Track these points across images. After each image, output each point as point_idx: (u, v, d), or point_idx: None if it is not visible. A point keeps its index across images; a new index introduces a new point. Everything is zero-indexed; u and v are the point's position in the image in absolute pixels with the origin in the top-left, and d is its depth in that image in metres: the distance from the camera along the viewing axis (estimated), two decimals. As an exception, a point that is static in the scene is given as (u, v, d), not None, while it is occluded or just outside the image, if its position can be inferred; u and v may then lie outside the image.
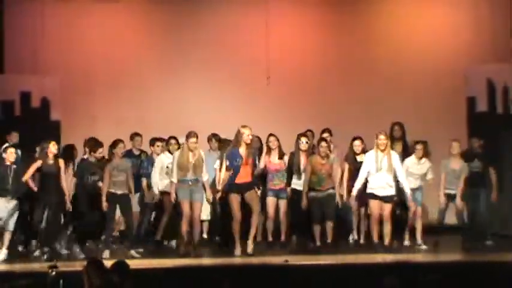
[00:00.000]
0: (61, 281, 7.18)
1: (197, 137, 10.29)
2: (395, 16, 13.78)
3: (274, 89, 13.33)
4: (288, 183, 10.79)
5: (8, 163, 10.08)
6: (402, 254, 10.12)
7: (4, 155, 10.17)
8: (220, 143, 11.20)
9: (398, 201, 10.51)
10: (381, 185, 10.23)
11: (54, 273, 7.20)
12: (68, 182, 10.28)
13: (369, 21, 13.77)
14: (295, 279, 8.57)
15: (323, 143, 10.60)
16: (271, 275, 8.71)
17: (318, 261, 9.33)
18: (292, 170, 10.79)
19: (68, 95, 12.69)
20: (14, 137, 11.38)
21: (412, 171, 10.66)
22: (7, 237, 10.05)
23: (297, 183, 10.76)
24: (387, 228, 10.28)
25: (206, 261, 9.79)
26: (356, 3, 13.76)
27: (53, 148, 10.17)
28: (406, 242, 10.74)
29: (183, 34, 13.60)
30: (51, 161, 10.16)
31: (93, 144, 10.52)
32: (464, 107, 12.41)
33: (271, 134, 11.01)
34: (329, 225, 10.55)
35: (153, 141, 11.34)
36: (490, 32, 13.24)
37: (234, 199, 10.03)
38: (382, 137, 10.22)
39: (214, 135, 11.46)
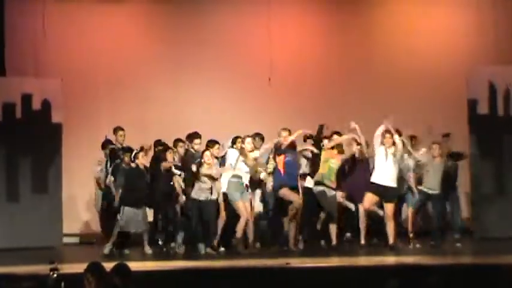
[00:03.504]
0: (62, 284, 7.17)
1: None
2: (398, 17, 13.78)
3: (276, 90, 13.33)
4: None
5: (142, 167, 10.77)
6: (404, 256, 10.13)
7: (137, 161, 10.76)
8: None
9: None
10: (386, 176, 10.52)
11: (55, 275, 7.19)
12: None
13: (371, 22, 13.78)
14: (297, 281, 8.57)
15: (335, 136, 10.97)
16: (273, 277, 8.72)
17: (319, 264, 9.34)
18: None
19: (69, 97, 12.67)
20: (120, 136, 11.55)
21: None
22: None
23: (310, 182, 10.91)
24: (390, 228, 10.44)
25: (208, 263, 9.79)
26: (358, 4, 13.77)
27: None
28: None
29: (185, 35, 13.59)
30: None
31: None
32: (465, 109, 12.38)
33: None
34: (333, 227, 10.65)
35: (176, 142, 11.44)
36: (493, 34, 13.24)
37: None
38: (387, 135, 10.66)
39: (257, 134, 11.43)
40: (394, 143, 10.58)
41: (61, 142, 12.15)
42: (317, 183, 10.79)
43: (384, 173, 10.56)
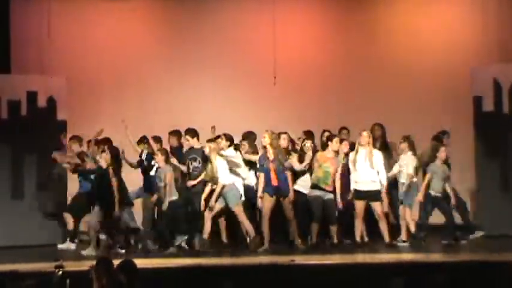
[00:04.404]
0: (67, 281, 7.19)
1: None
2: (403, 14, 13.75)
3: (280, 88, 13.32)
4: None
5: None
6: (407, 253, 10.12)
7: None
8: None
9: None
10: (364, 179, 10.51)
11: (60, 273, 7.20)
12: None
13: (375, 20, 13.75)
14: (302, 279, 8.58)
15: (335, 139, 10.83)
16: (278, 274, 8.72)
17: (324, 261, 9.32)
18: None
19: (74, 94, 12.69)
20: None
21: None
22: None
23: (301, 185, 10.81)
24: (383, 226, 10.51)
25: (213, 260, 9.78)
26: (363, 2, 13.76)
27: None
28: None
29: (189, 33, 13.60)
30: None
31: None
32: (470, 107, 12.36)
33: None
34: (333, 229, 10.64)
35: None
36: (497, 31, 13.20)
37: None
38: (364, 133, 10.66)
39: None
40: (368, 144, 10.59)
41: (66, 139, 12.15)
42: (313, 186, 10.72)
43: (361, 177, 10.57)
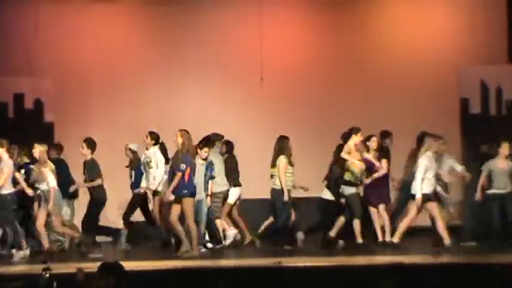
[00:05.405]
0: (55, 283, 7.17)
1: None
2: (391, 17, 13.80)
3: (267, 90, 13.33)
4: None
5: None
6: (400, 255, 10.13)
7: None
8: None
9: None
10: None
11: (47, 275, 7.18)
12: None
13: (363, 21, 13.78)
14: (289, 280, 8.59)
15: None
16: (265, 276, 8.73)
17: (310, 263, 9.34)
18: None
19: (61, 96, 12.68)
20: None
21: None
22: None
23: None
24: (440, 226, 10.43)
25: (200, 263, 9.79)
26: (351, 4, 13.77)
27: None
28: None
29: (176, 35, 13.59)
30: None
31: None
32: (457, 108, 12.42)
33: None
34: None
35: None
36: (484, 34, 13.27)
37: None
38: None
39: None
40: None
41: (53, 141, 12.14)
42: (350, 183, 10.74)
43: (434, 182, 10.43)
